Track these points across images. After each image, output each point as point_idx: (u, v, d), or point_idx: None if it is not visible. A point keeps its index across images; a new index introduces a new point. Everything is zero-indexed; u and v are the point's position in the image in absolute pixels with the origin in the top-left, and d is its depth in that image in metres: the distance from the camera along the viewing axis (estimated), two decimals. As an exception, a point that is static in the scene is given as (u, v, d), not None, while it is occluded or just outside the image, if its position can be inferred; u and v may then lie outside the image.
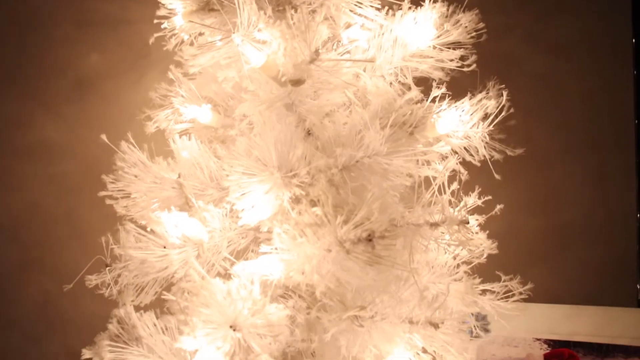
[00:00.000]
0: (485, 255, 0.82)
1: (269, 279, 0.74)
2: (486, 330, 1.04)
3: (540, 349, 1.05)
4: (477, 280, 0.81)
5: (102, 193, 0.84)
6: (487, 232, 0.84)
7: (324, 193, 0.69)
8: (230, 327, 0.68)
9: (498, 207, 0.82)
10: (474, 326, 1.05)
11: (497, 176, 0.86)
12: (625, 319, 1.03)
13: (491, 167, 0.86)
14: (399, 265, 0.75)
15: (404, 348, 0.80)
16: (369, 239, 0.67)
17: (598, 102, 1.31)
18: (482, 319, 1.06)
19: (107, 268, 0.94)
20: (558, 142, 1.33)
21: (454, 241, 0.77)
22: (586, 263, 1.25)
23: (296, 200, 0.75)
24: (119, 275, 0.94)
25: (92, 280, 0.93)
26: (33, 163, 1.37)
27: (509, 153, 0.89)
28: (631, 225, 1.24)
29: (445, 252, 0.84)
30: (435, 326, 0.75)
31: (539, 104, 1.32)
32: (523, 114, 0.90)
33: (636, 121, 1.28)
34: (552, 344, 1.05)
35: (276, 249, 0.74)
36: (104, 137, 0.84)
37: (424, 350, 0.81)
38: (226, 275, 0.77)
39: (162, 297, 0.92)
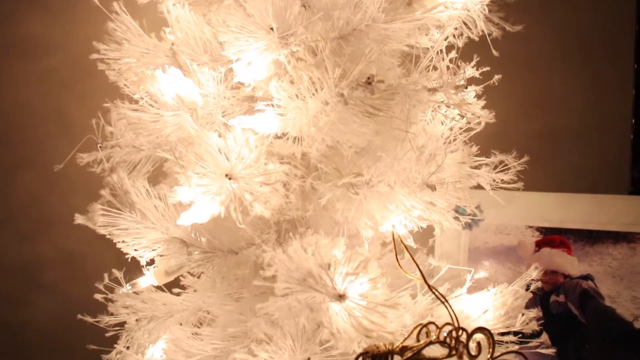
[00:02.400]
0: (482, 125, 0.82)
1: (265, 134, 0.73)
2: (479, 219, 1.04)
3: (532, 236, 1.06)
4: (475, 148, 0.81)
5: (94, 56, 0.82)
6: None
7: (322, 39, 0.68)
8: (226, 175, 0.67)
9: (496, 77, 0.81)
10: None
11: (495, 53, 0.85)
12: (616, 206, 1.03)
13: (490, 44, 0.85)
14: (396, 122, 0.74)
15: (401, 215, 0.80)
16: (369, 82, 0.65)
17: (599, 7, 1.29)
18: (475, 207, 1.07)
19: (98, 145, 0.93)
20: (556, 47, 1.31)
21: (451, 104, 0.76)
22: (580, 167, 1.25)
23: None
24: (110, 155, 0.93)
25: (84, 158, 0.93)
26: (20, 59, 1.33)
27: (507, 29, 0.88)
28: (626, 130, 1.24)
29: (443, 124, 0.83)
30: (432, 188, 0.75)
31: (539, 5, 1.29)
32: (521, 16, 0.88)
33: (636, 27, 1.26)
34: (544, 231, 1.06)
35: (272, 105, 0.73)
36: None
37: (421, 218, 0.81)
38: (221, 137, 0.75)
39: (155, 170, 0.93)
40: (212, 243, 0.81)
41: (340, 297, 0.65)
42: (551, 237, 1.06)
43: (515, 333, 0.78)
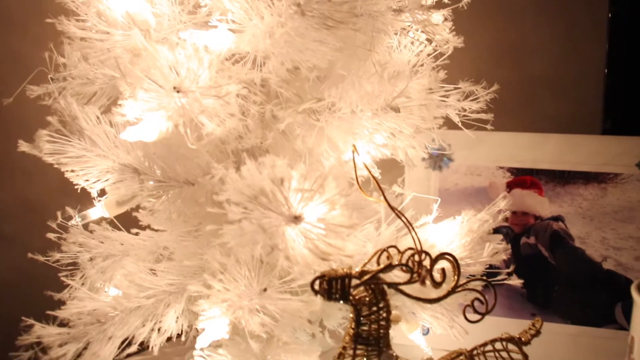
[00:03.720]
0: (451, 51, 0.78)
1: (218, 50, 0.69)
2: (449, 159, 1.01)
3: (503, 177, 1.04)
4: (442, 73, 0.77)
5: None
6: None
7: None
8: (174, 89, 0.63)
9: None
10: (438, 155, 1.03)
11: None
12: (588, 146, 1.01)
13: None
14: (359, 40, 0.70)
15: (364, 142, 0.76)
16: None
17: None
18: (445, 149, 1.04)
19: (50, 77, 0.88)
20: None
21: (417, 25, 0.72)
22: (553, 117, 1.23)
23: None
24: (63, 88, 0.89)
25: (35, 90, 0.88)
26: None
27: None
28: (600, 80, 1.21)
29: (410, 50, 0.80)
30: (396, 110, 0.71)
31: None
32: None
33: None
34: (515, 172, 1.04)
35: (227, 21, 0.69)
36: None
37: (385, 146, 0.78)
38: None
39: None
40: (167, 173, 0.77)
41: (296, 219, 0.62)
42: (522, 178, 1.03)
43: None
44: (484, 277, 0.67)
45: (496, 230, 1.00)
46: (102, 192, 0.82)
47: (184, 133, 0.64)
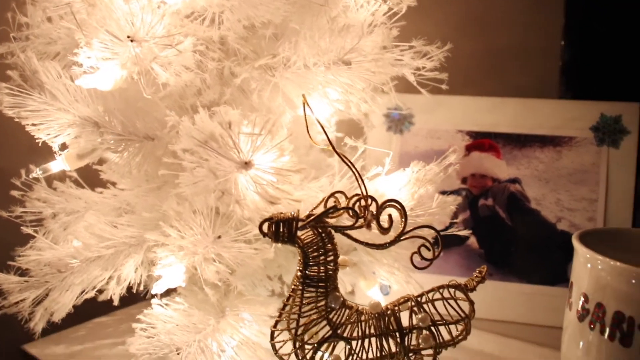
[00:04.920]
0: (405, 9, 0.80)
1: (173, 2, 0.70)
2: (410, 123, 1.04)
3: (462, 140, 1.06)
4: (395, 31, 0.79)
5: None
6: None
7: None
8: (128, 37, 0.65)
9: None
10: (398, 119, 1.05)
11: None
12: (545, 110, 1.04)
13: None
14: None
15: (318, 96, 0.78)
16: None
17: None
18: (406, 113, 1.06)
19: (12, 35, 0.89)
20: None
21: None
22: (515, 86, 1.25)
23: None
24: (26, 47, 0.89)
25: (-3, 49, 0.89)
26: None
27: None
28: (557, 49, 1.24)
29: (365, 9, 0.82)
30: (347, 63, 0.73)
31: None
32: None
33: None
34: (474, 135, 1.06)
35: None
36: None
37: (339, 101, 0.80)
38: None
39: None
40: (127, 127, 0.78)
41: (246, 165, 0.64)
42: (481, 141, 1.06)
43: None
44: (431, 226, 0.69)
45: (455, 192, 1.04)
46: (64, 148, 0.83)
47: (140, 83, 0.66)
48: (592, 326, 0.66)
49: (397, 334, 0.68)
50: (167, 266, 0.71)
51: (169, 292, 0.80)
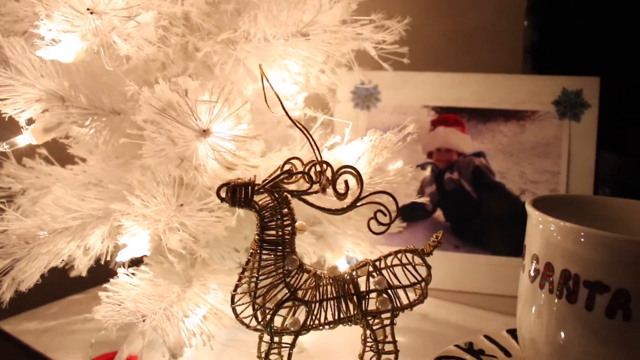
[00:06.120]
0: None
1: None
2: (377, 100, 1.06)
3: (428, 115, 1.08)
4: (354, 4, 0.81)
5: None
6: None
7: None
8: (88, 9, 0.66)
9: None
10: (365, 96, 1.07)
11: None
12: (508, 85, 1.06)
13: None
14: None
15: (278, 69, 0.80)
16: None
17: None
18: (372, 89, 1.08)
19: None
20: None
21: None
22: (485, 65, 1.27)
23: None
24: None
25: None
26: None
27: None
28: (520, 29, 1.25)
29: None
30: (305, 35, 0.75)
31: None
32: None
33: None
34: (439, 110, 1.08)
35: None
36: None
37: (299, 74, 0.81)
38: None
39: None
40: (93, 102, 0.80)
41: (205, 132, 0.66)
42: (446, 116, 1.08)
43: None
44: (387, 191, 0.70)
45: (421, 167, 1.06)
46: (31, 123, 0.84)
47: (102, 55, 0.67)
48: (541, 285, 0.69)
49: (355, 297, 0.70)
50: (132, 235, 0.73)
51: (138, 264, 0.82)
